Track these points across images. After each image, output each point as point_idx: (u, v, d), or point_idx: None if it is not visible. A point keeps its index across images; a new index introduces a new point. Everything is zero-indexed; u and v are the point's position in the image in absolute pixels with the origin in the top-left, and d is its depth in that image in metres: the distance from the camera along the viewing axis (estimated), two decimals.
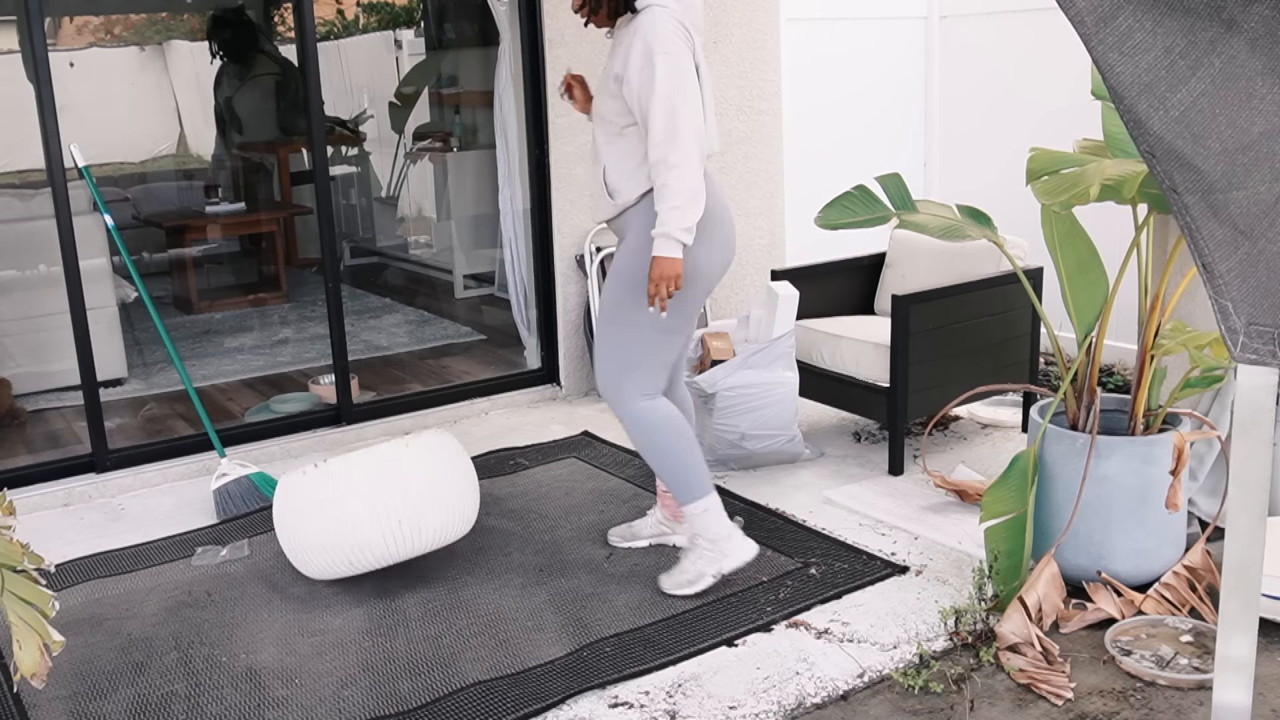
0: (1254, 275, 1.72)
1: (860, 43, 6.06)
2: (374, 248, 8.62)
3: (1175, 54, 1.65)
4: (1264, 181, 1.67)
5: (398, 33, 9.73)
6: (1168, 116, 1.68)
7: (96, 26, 9.01)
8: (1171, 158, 1.72)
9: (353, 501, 3.25)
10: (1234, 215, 1.70)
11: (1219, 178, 1.69)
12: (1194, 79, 1.65)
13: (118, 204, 7.76)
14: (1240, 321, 1.77)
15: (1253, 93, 1.63)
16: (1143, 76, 1.68)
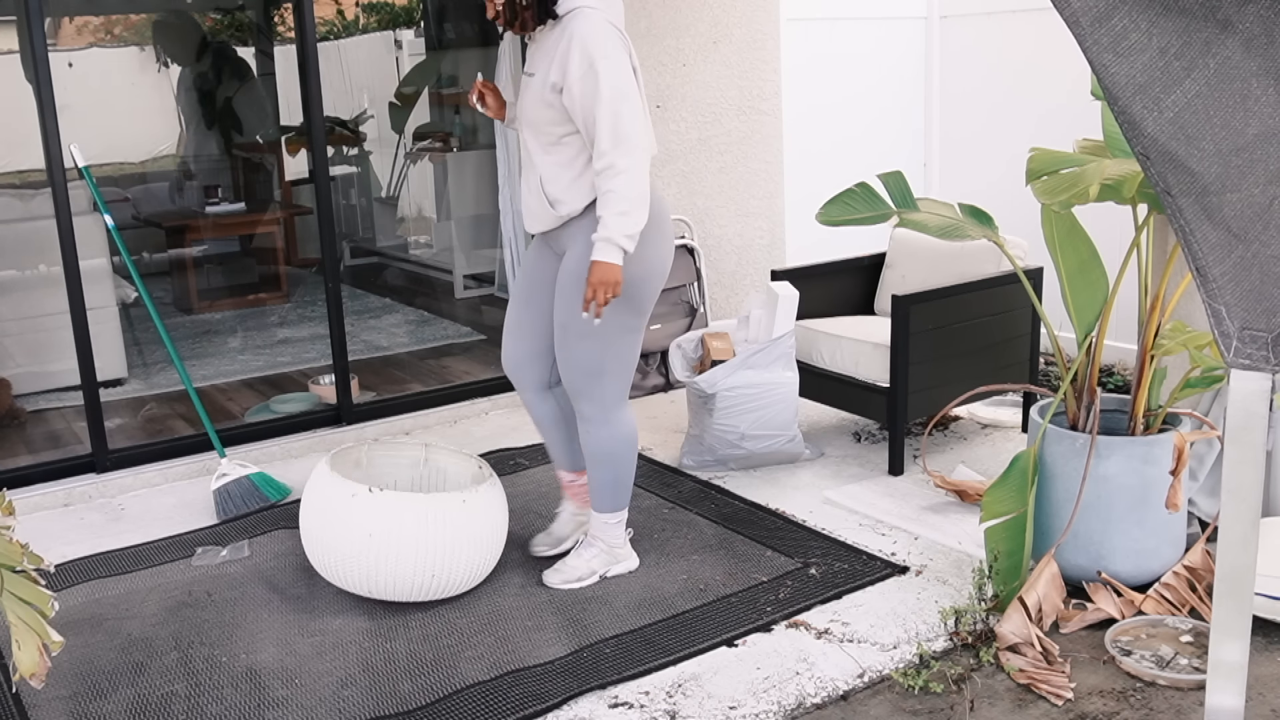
0: (1248, 279, 1.71)
1: (860, 43, 6.06)
2: (374, 248, 8.62)
3: (1170, 55, 1.64)
4: (1258, 184, 1.66)
5: (398, 33, 9.73)
6: (1162, 118, 1.67)
7: (96, 26, 9.01)
8: (1165, 160, 1.71)
9: (398, 543, 3.15)
10: (1228, 218, 1.69)
11: (1213, 180, 1.68)
12: (1189, 80, 1.64)
13: (118, 204, 7.77)
14: (1234, 326, 1.76)
15: (1248, 94, 1.62)
16: (1137, 77, 1.67)
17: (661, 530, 3.78)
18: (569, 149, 3.09)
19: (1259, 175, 1.66)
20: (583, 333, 3.18)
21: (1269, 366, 1.78)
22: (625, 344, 3.22)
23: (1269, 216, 1.67)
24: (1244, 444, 1.90)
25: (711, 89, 5.49)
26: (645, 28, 5.24)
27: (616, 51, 2.98)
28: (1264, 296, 1.73)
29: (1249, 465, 1.90)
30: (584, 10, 3.00)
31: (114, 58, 9.20)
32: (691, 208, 5.52)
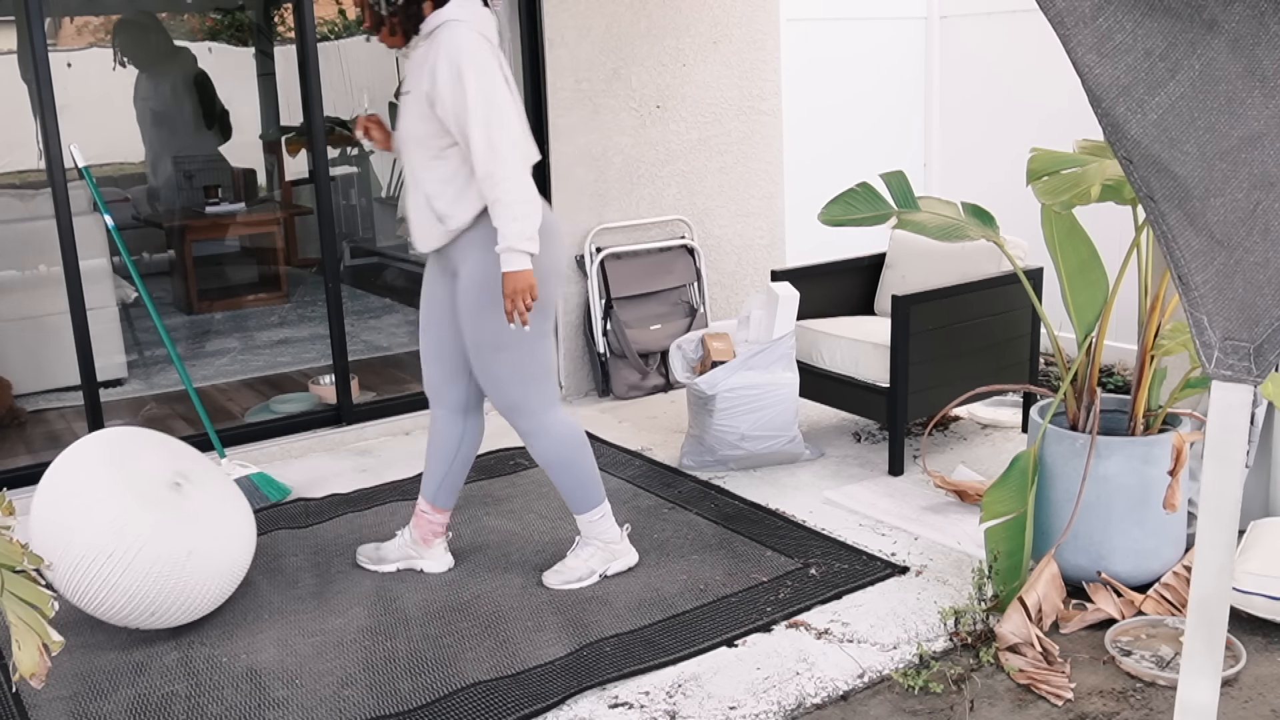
0: (1230, 287, 1.68)
1: (860, 43, 6.06)
2: (374, 248, 8.62)
3: (1155, 56, 1.62)
4: (1242, 189, 1.63)
5: None
6: (1145, 120, 1.66)
7: (96, 26, 9.01)
8: (1148, 164, 1.69)
9: None
10: (1211, 224, 1.66)
11: (1195, 184, 1.66)
12: (1173, 82, 1.62)
13: (118, 204, 7.76)
14: (1215, 336, 1.71)
15: (1232, 97, 1.60)
16: (1121, 79, 1.65)
17: (661, 530, 3.78)
18: (451, 162, 3.10)
19: (1243, 180, 1.63)
20: (496, 345, 3.18)
21: (1251, 378, 1.72)
22: (540, 348, 3.23)
23: (1253, 222, 1.63)
24: (1224, 460, 1.78)
25: (711, 89, 5.49)
26: (645, 28, 5.24)
27: (485, 61, 3.00)
28: (1247, 305, 1.68)
29: (1229, 483, 1.79)
30: (451, 23, 3.03)
31: (114, 58, 9.19)
32: (691, 208, 5.53)
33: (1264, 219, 1.64)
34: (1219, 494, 1.81)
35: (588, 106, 5.15)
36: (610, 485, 4.19)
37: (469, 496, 4.12)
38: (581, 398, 5.32)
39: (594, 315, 5.21)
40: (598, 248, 5.23)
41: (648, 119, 5.33)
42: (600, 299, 5.21)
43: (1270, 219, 1.63)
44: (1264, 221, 1.64)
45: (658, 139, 5.37)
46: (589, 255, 5.21)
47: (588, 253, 5.21)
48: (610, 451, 4.55)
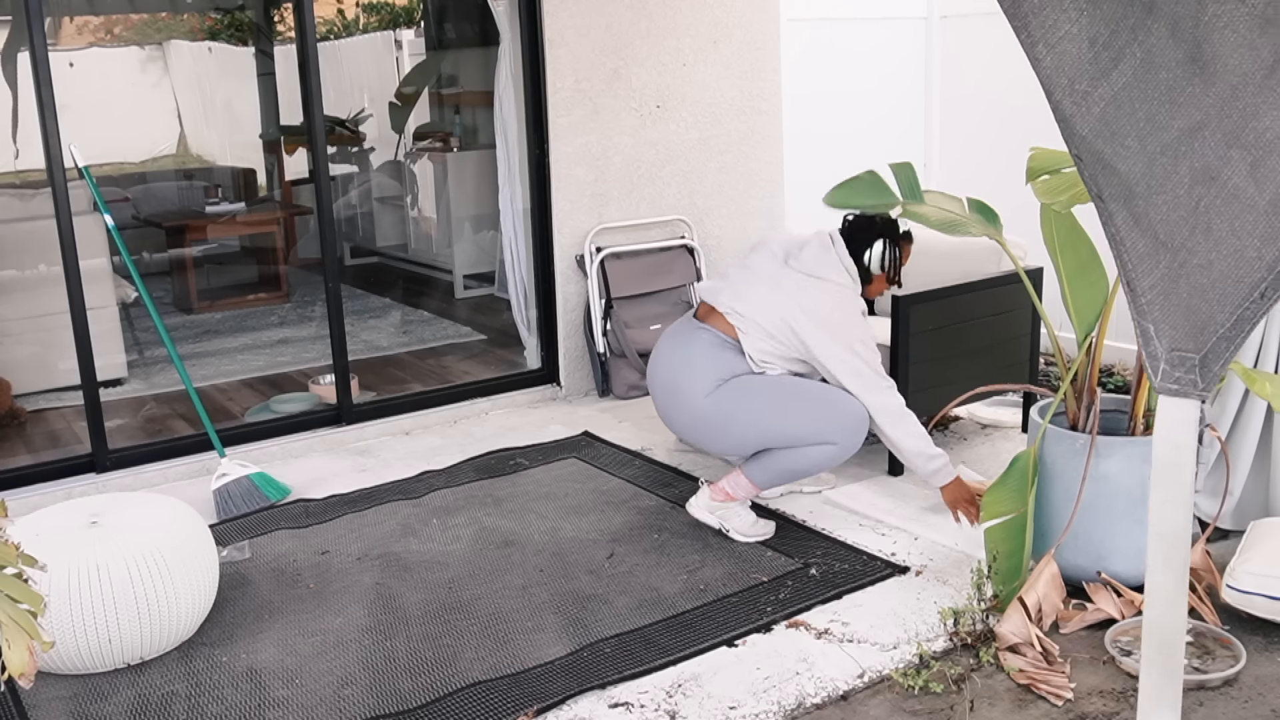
0: (1175, 292, 1.64)
1: (860, 43, 6.06)
2: (374, 248, 8.62)
3: (1099, 45, 1.60)
4: (1183, 184, 1.59)
5: (398, 33, 9.73)
6: (1090, 114, 1.63)
7: (96, 26, 9.01)
8: (1095, 161, 1.66)
9: None
10: (1155, 224, 1.63)
11: (1139, 181, 1.62)
12: (1115, 71, 1.60)
13: (118, 204, 7.77)
14: (1161, 347, 1.66)
15: (1172, 85, 1.56)
16: (1068, 70, 1.63)
17: (661, 530, 3.78)
18: None
19: (1184, 174, 1.60)
20: None
21: (1197, 391, 1.65)
22: None
23: (1195, 220, 1.60)
24: (1172, 482, 1.68)
25: (711, 89, 5.49)
26: (645, 27, 5.24)
27: None
28: (1192, 312, 1.63)
29: (1178, 507, 1.69)
30: None
31: (114, 58, 9.21)
32: (691, 208, 5.53)
33: (1206, 216, 1.60)
34: (1168, 518, 1.72)
35: (588, 106, 5.15)
36: (610, 485, 4.19)
37: (469, 496, 4.13)
38: (581, 397, 5.32)
39: (594, 315, 5.21)
40: (598, 247, 5.23)
41: (648, 119, 5.32)
42: (600, 299, 5.21)
43: (1212, 216, 1.60)
44: (1206, 219, 1.60)
45: (658, 139, 5.37)
46: (589, 255, 5.21)
47: (588, 252, 5.21)
48: (610, 451, 4.55)
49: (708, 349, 3.60)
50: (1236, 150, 1.55)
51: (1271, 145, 1.53)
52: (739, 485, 3.67)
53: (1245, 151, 1.55)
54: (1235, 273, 1.59)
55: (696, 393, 3.57)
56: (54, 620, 2.88)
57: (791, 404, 3.53)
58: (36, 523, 3.12)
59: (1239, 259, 1.59)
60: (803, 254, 3.65)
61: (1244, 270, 1.59)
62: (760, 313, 3.57)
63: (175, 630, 3.08)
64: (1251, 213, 1.57)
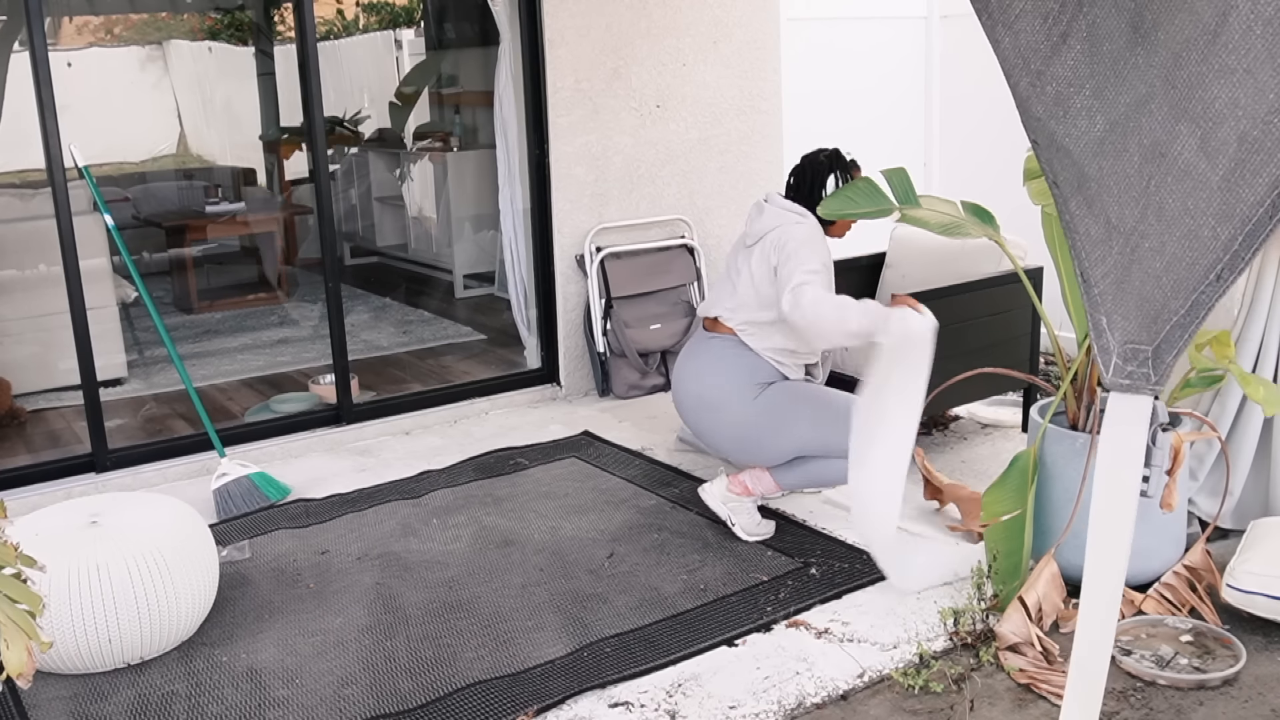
0: (1128, 281, 1.57)
1: (860, 42, 6.06)
2: (374, 248, 8.62)
3: (1050, 19, 1.55)
4: (1133, 162, 1.53)
5: (398, 33, 9.73)
6: (1044, 94, 1.59)
7: (96, 26, 9.01)
8: (1050, 144, 1.61)
9: None
10: (1107, 207, 1.56)
11: (1089, 162, 1.55)
12: (1064, 46, 1.55)
13: (118, 204, 7.77)
14: (1114, 341, 1.58)
15: (1118, 57, 1.51)
16: (1023, 48, 1.58)
17: (661, 530, 3.78)
18: None
19: (1133, 152, 1.53)
20: None
21: (1149, 386, 1.57)
22: None
23: (1147, 200, 1.53)
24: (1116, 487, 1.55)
25: (711, 89, 5.49)
26: (645, 27, 5.24)
27: None
28: (1145, 300, 1.55)
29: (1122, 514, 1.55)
30: None
31: (114, 58, 9.20)
32: (691, 207, 5.52)
33: (1158, 196, 1.54)
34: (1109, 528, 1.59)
35: (588, 106, 5.15)
36: (610, 484, 4.19)
37: (469, 496, 4.13)
38: (581, 397, 5.32)
39: (594, 315, 5.20)
40: (598, 247, 5.23)
41: (648, 119, 5.32)
42: (600, 298, 5.20)
43: (1164, 195, 1.53)
44: (1158, 199, 1.54)
45: (658, 138, 5.37)
46: (589, 254, 5.21)
47: (588, 252, 5.21)
48: (610, 451, 4.55)
49: (729, 353, 3.60)
50: (1185, 124, 1.49)
51: (1220, 116, 1.46)
52: (761, 482, 3.66)
53: (1194, 124, 1.48)
54: (1189, 255, 1.53)
55: (736, 400, 3.55)
56: (54, 620, 2.88)
57: (837, 414, 3.50)
58: (36, 523, 3.12)
59: (1193, 240, 1.52)
60: (747, 227, 3.68)
61: (1198, 252, 1.52)
62: (747, 301, 3.57)
63: (175, 630, 3.08)
64: (1204, 190, 1.50)
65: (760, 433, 3.54)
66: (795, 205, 3.61)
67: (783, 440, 3.54)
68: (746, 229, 3.68)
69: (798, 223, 3.57)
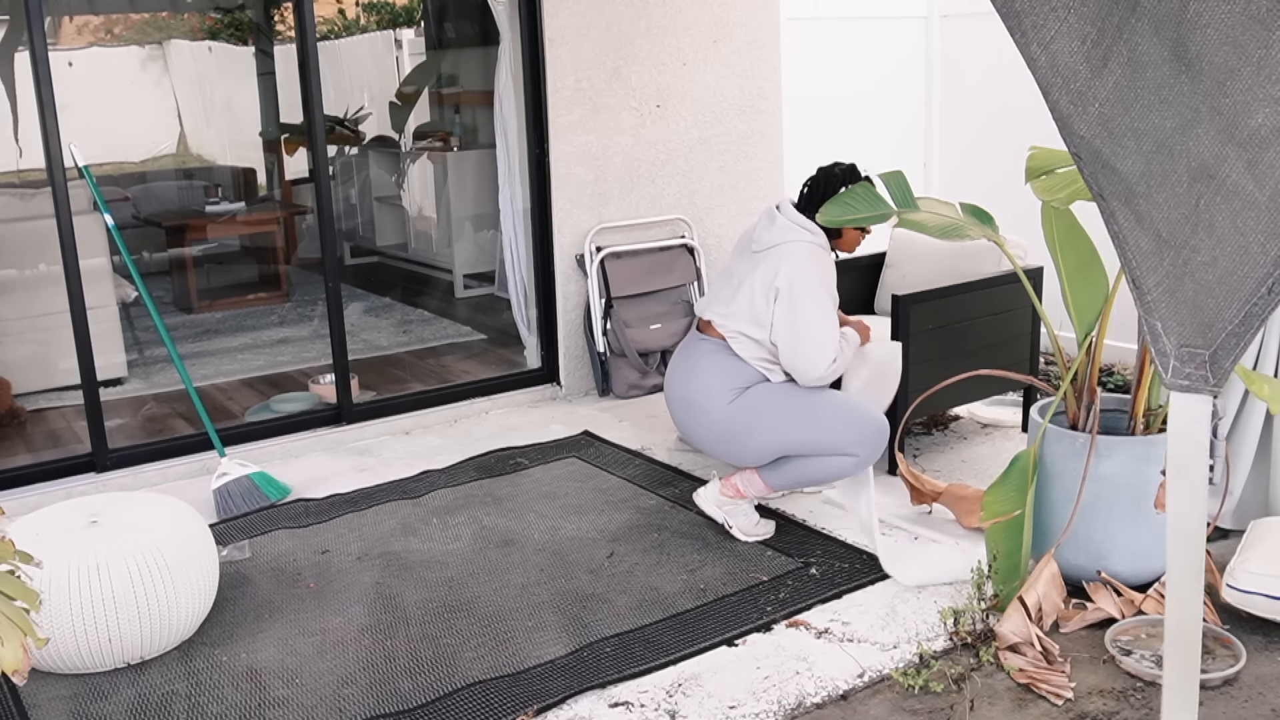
0: (1181, 290, 1.62)
1: (860, 42, 6.06)
2: (374, 248, 8.62)
3: (1089, 43, 1.58)
4: (1182, 182, 1.58)
5: (398, 32, 9.73)
6: (1088, 114, 1.61)
7: (96, 26, 9.01)
8: (1095, 160, 1.64)
9: None
10: (1157, 222, 1.61)
11: (1138, 181, 1.60)
12: (1106, 70, 1.57)
13: (118, 203, 7.77)
14: (1170, 344, 1.64)
15: (1162, 83, 1.55)
16: (1062, 69, 1.61)
17: (661, 530, 3.78)
18: None
19: (1182, 173, 1.58)
20: None
21: (1208, 387, 1.63)
22: None
23: (1196, 218, 1.58)
24: (1188, 478, 1.66)
25: (711, 88, 5.49)
26: (645, 27, 5.24)
27: None
28: (1199, 309, 1.61)
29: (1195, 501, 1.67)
30: None
31: (114, 57, 9.20)
32: (691, 207, 5.52)
33: (1208, 214, 1.58)
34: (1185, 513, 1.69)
35: (588, 106, 5.15)
36: (610, 484, 4.19)
37: (469, 495, 4.13)
38: (581, 397, 5.32)
39: (594, 314, 5.20)
40: (598, 247, 5.23)
41: (648, 118, 5.32)
42: (600, 298, 5.20)
43: (1214, 214, 1.58)
44: (1208, 217, 1.58)
45: (658, 138, 5.37)
46: (589, 255, 5.21)
47: (588, 252, 5.21)
48: (610, 451, 4.55)
49: (713, 357, 3.61)
50: (1232, 147, 1.53)
51: (1266, 141, 1.50)
52: (751, 484, 3.67)
53: (1241, 149, 1.52)
54: (1240, 269, 1.58)
55: (715, 403, 3.56)
56: (54, 620, 2.89)
57: (815, 414, 3.53)
58: (36, 522, 3.12)
59: (1243, 255, 1.57)
60: (756, 234, 3.66)
61: (1249, 266, 1.57)
62: (741, 313, 3.58)
63: (175, 630, 3.08)
64: (1253, 209, 1.55)
65: (741, 433, 3.56)
66: (807, 221, 3.61)
67: (762, 440, 3.55)
68: (755, 234, 3.66)
69: (809, 242, 3.57)
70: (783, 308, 3.50)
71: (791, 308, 3.49)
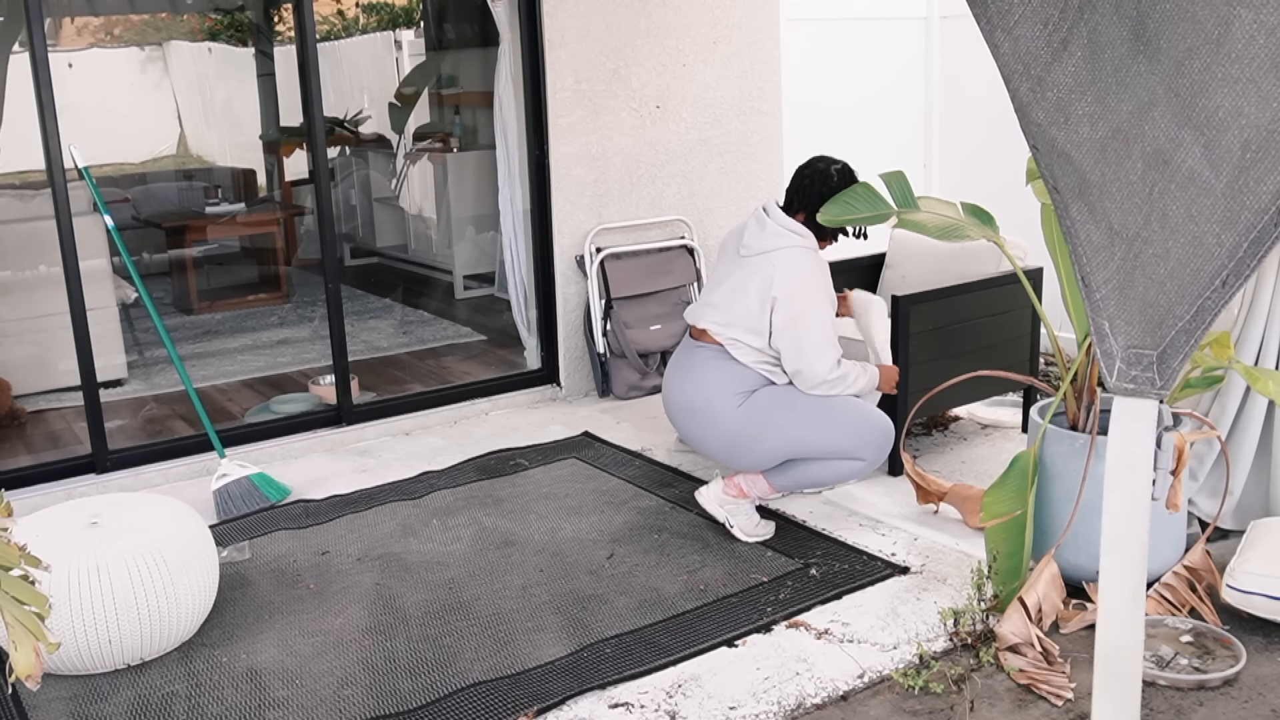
0: (1131, 287, 1.57)
1: (860, 43, 6.06)
2: (374, 248, 8.62)
3: (1050, 26, 1.56)
4: (1136, 169, 1.53)
5: (398, 33, 9.74)
6: (1045, 100, 1.59)
7: (96, 27, 9.01)
8: (1051, 150, 1.61)
9: None
10: (1110, 214, 1.57)
11: (1091, 168, 1.55)
12: (1065, 53, 1.55)
13: (118, 204, 7.77)
14: (1118, 345, 1.59)
15: (1119, 64, 1.52)
16: (1023, 54, 1.59)
17: (661, 530, 3.78)
18: None
19: (1136, 159, 1.54)
20: None
21: (1154, 390, 1.57)
22: None
23: (1150, 207, 1.54)
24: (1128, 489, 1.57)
25: (711, 89, 5.49)
26: (645, 28, 5.24)
27: None
28: (1149, 306, 1.56)
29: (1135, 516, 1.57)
30: None
31: (114, 58, 9.21)
32: (691, 208, 5.52)
33: (1161, 202, 1.54)
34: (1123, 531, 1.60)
35: (588, 106, 5.15)
36: (610, 485, 4.19)
37: (469, 496, 4.13)
38: (581, 398, 5.32)
39: (594, 315, 5.21)
40: (598, 248, 5.23)
41: (648, 119, 5.33)
42: (600, 299, 5.21)
43: (1168, 202, 1.54)
44: (1161, 206, 1.54)
45: (658, 139, 5.37)
46: (589, 255, 5.21)
47: (588, 253, 5.21)
48: (610, 451, 4.55)
49: (714, 363, 3.61)
50: (1188, 130, 1.49)
51: (1224, 124, 1.46)
52: (755, 485, 3.67)
53: (1197, 132, 1.48)
54: (1194, 261, 1.53)
55: (723, 408, 3.56)
56: (54, 621, 2.88)
57: (822, 419, 3.54)
58: (37, 523, 3.13)
59: (1197, 246, 1.52)
60: (745, 238, 3.64)
61: (1203, 259, 1.52)
62: (737, 321, 3.57)
63: (175, 630, 3.08)
64: (1208, 197, 1.50)
65: (748, 439, 3.56)
66: (797, 224, 3.60)
67: (770, 445, 3.56)
68: (745, 239, 3.65)
69: (801, 246, 3.57)
70: (781, 316, 3.50)
71: (790, 315, 3.49)
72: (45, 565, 1.86)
